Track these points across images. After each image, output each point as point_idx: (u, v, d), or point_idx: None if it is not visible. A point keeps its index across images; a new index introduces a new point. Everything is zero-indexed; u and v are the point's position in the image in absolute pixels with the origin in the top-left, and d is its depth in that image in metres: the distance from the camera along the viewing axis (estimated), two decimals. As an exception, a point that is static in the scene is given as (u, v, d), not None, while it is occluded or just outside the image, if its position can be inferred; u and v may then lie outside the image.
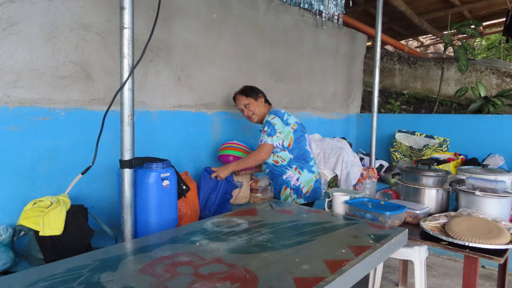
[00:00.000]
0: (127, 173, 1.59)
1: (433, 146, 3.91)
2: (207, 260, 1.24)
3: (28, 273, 1.14)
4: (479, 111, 4.14)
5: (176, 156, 2.58)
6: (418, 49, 8.17)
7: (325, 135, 3.94)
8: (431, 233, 1.73)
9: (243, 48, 3.11)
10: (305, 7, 3.52)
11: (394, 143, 4.17)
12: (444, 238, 1.67)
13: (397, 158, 4.13)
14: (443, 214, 1.97)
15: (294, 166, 2.46)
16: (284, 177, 2.47)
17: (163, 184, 1.69)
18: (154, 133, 2.44)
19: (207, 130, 2.84)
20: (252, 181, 2.75)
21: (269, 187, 2.80)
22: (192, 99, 2.71)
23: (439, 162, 3.56)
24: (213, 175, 2.35)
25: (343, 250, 1.33)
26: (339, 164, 3.27)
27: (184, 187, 1.86)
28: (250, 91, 2.54)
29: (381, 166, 4.00)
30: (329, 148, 3.39)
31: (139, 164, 1.65)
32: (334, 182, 3.25)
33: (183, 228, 1.60)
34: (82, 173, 1.71)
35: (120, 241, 1.64)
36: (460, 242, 1.61)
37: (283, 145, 2.42)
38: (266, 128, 2.39)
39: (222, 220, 1.71)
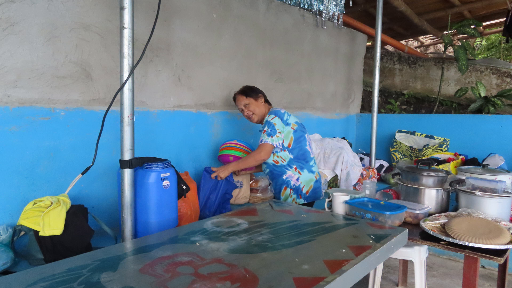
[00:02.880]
0: (127, 173, 1.60)
1: (433, 146, 3.91)
2: (207, 260, 1.24)
3: (28, 273, 1.13)
4: (479, 111, 4.14)
5: (176, 156, 2.58)
6: (418, 49, 8.17)
7: (325, 135, 3.94)
8: (431, 233, 1.73)
9: (243, 48, 3.11)
10: (305, 7, 3.52)
11: (394, 143, 4.16)
12: (444, 238, 1.66)
13: (397, 158, 4.13)
14: (443, 214, 1.97)
15: (294, 166, 2.46)
16: (284, 177, 2.47)
17: (163, 184, 1.69)
18: (154, 133, 2.44)
19: (207, 130, 2.84)
20: (252, 181, 2.75)
21: (269, 187, 2.80)
22: (192, 99, 2.71)
23: (439, 162, 3.56)
24: (213, 175, 2.35)
25: (343, 250, 1.33)
26: (339, 164, 3.27)
27: (184, 187, 1.86)
28: (250, 91, 2.54)
29: (381, 166, 4.00)
30: (329, 148, 3.39)
31: (139, 164, 1.65)
32: (334, 182, 3.25)
33: (183, 228, 1.60)
34: (82, 173, 1.71)
35: (120, 241, 1.64)
36: (460, 242, 1.61)
37: (283, 145, 2.42)
38: (266, 128, 2.39)
39: (222, 220, 1.71)
